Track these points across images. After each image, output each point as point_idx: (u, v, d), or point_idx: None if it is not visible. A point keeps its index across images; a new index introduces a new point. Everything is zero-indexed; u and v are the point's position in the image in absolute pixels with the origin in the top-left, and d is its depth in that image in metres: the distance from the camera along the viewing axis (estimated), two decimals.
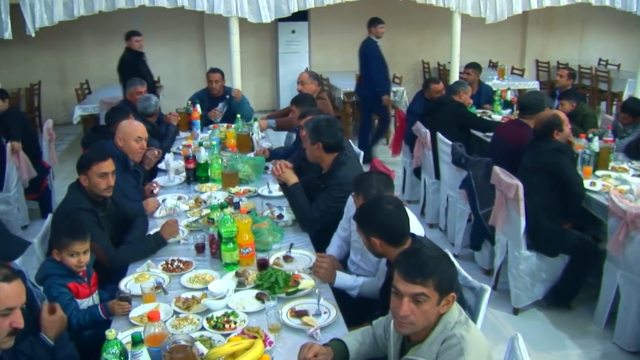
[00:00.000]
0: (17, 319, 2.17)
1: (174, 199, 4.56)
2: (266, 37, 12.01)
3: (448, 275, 2.22)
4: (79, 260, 3.11)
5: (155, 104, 6.03)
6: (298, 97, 5.55)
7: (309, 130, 4.03)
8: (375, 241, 2.81)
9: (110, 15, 8.82)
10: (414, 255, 2.24)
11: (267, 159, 5.38)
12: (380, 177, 3.33)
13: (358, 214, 2.95)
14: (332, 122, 4.10)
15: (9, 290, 2.15)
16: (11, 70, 10.81)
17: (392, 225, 2.78)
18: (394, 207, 2.82)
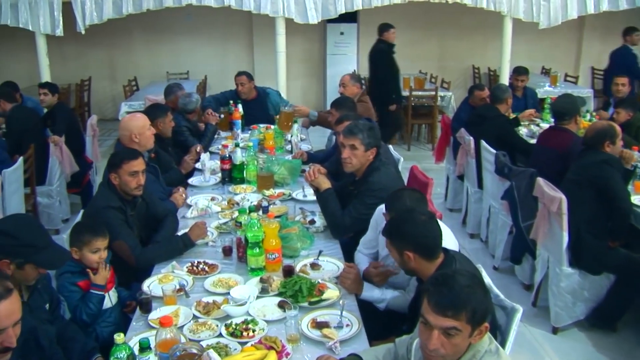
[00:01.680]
0: (8, 339, 2.05)
1: (207, 200, 4.51)
2: (314, 38, 11.95)
3: (482, 306, 2.05)
4: (99, 257, 3.13)
5: (195, 102, 6.02)
6: (338, 100, 5.44)
7: (366, 137, 3.84)
8: (409, 255, 2.67)
9: (160, 13, 8.92)
10: (446, 284, 2.06)
11: (305, 162, 5.29)
12: (414, 195, 3.17)
13: (389, 228, 2.81)
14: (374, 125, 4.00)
15: None
16: (64, 65, 11.01)
17: (427, 236, 2.65)
18: (427, 218, 2.69)
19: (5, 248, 2.55)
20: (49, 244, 2.72)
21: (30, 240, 2.60)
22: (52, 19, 7.83)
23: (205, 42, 11.90)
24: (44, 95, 6.67)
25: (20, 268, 2.57)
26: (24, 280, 2.65)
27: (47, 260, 2.66)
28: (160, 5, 7.94)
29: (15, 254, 2.55)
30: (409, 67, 11.26)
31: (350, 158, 3.84)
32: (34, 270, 2.62)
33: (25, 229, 2.65)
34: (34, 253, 2.59)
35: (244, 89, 6.85)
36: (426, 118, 9.53)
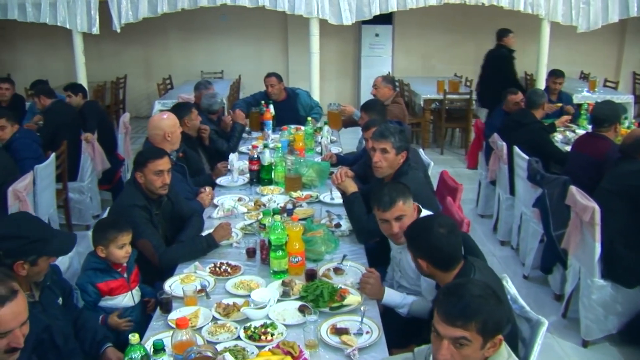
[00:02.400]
0: (15, 339, 2.05)
1: (233, 200, 4.50)
2: (349, 39, 11.92)
3: (494, 317, 2.00)
4: (126, 251, 3.18)
5: (220, 102, 6.02)
6: (367, 103, 5.39)
7: (397, 140, 3.77)
8: (422, 263, 2.63)
9: (196, 12, 8.98)
10: (455, 294, 2.02)
11: (334, 164, 5.26)
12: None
13: (408, 231, 2.78)
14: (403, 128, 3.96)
15: (1, 315, 2.00)
16: (100, 63, 11.17)
17: (442, 249, 2.59)
18: (446, 231, 2.61)
19: (17, 250, 2.55)
20: (54, 233, 2.76)
21: (38, 235, 2.61)
22: (89, 17, 7.93)
23: (240, 42, 11.96)
24: (68, 97, 6.76)
25: (34, 264, 2.59)
26: (38, 276, 2.66)
27: (57, 248, 2.70)
28: (194, 4, 7.98)
29: (27, 253, 2.56)
30: (444, 70, 11.20)
31: (381, 162, 3.79)
32: (46, 262, 2.65)
33: (27, 226, 2.66)
34: (44, 245, 2.61)
35: (274, 90, 6.84)
36: (460, 122, 9.40)
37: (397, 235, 3.14)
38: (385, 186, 3.24)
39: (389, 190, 3.13)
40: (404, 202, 3.10)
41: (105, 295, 3.18)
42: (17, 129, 5.36)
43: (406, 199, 3.12)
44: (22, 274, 2.55)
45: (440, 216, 2.84)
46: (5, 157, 4.91)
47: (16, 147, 5.22)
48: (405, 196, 3.12)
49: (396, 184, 3.29)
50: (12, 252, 2.54)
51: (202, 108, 5.85)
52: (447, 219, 2.76)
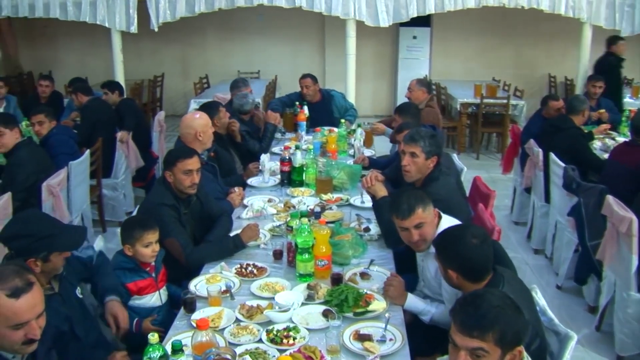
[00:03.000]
0: (32, 331, 2.06)
1: (263, 201, 4.49)
2: (387, 41, 11.84)
3: (513, 328, 1.94)
4: (152, 250, 3.19)
5: (251, 103, 6.01)
6: (401, 106, 5.33)
7: (427, 144, 3.71)
8: (451, 274, 2.57)
9: (233, 12, 9.04)
10: (473, 303, 1.98)
11: (366, 167, 5.21)
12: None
13: (438, 240, 2.72)
14: (435, 132, 3.89)
15: (16, 307, 2.02)
16: (139, 61, 11.30)
17: (473, 261, 2.53)
18: (478, 242, 2.55)
19: (26, 248, 2.59)
20: (62, 228, 2.79)
21: (45, 232, 2.65)
22: (128, 16, 8.02)
23: (277, 42, 11.98)
24: (105, 95, 6.86)
25: (46, 261, 2.62)
26: (54, 271, 2.70)
27: (67, 242, 2.72)
28: (232, 4, 8.03)
29: (36, 250, 2.59)
30: (482, 74, 11.05)
31: (410, 166, 3.73)
32: (59, 257, 2.67)
33: (34, 224, 2.70)
34: (53, 241, 2.64)
35: (309, 91, 6.81)
36: (497, 127, 9.26)
37: (417, 243, 3.09)
38: (403, 193, 3.17)
39: (407, 198, 3.07)
40: (423, 209, 3.04)
41: (133, 295, 3.20)
42: (55, 125, 5.44)
43: (425, 206, 3.05)
44: (36, 270, 2.57)
45: (472, 226, 2.77)
46: (41, 153, 4.99)
47: (52, 143, 5.30)
48: (424, 203, 3.06)
49: (414, 190, 3.24)
50: (22, 250, 2.59)
51: (234, 108, 5.85)
52: (479, 229, 2.70)
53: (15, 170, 4.64)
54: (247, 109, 5.94)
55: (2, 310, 2.00)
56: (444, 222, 3.15)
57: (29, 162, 4.70)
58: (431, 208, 3.09)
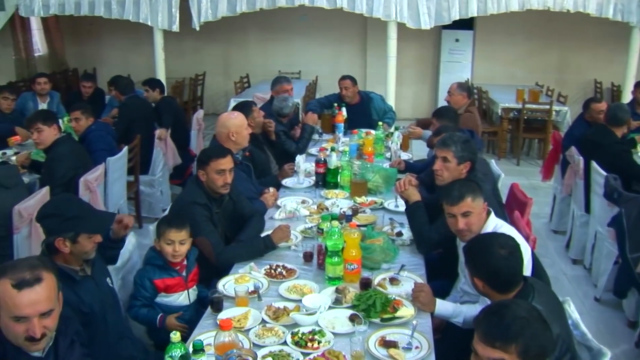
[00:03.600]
0: (32, 328, 2.04)
1: (296, 203, 4.47)
2: (429, 44, 11.73)
3: (538, 341, 1.88)
4: (174, 249, 3.20)
5: (291, 106, 6.00)
6: (440, 110, 5.26)
7: (460, 149, 3.65)
8: (477, 282, 2.52)
9: (275, 12, 9.05)
10: (497, 313, 1.93)
11: (402, 171, 5.15)
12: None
13: (467, 247, 2.67)
14: (470, 137, 3.83)
15: (17, 299, 2.01)
16: (181, 60, 11.44)
17: (500, 272, 2.48)
18: (506, 253, 2.50)
19: (54, 227, 2.70)
20: (93, 212, 2.89)
21: (73, 213, 2.74)
22: (170, 15, 8.11)
23: (318, 43, 11.98)
24: (146, 92, 6.95)
25: (75, 242, 2.69)
26: (84, 253, 2.76)
27: (94, 225, 2.78)
28: (273, 4, 8.05)
29: (64, 230, 2.68)
30: (525, 78, 10.87)
31: (441, 170, 3.68)
32: (88, 240, 2.73)
33: (64, 204, 2.83)
34: (80, 223, 2.71)
35: (348, 92, 6.78)
36: (539, 133, 9.08)
37: (462, 232, 3.10)
38: (456, 182, 3.24)
39: (460, 186, 3.14)
40: (473, 199, 3.06)
41: (161, 292, 3.22)
42: (93, 122, 5.51)
43: (475, 197, 3.08)
44: (64, 250, 2.68)
45: (502, 235, 2.70)
46: (79, 149, 5.07)
47: (91, 139, 5.38)
48: (474, 194, 3.08)
49: (467, 181, 3.25)
50: (52, 229, 2.72)
51: (273, 110, 5.85)
52: (509, 239, 2.63)
53: (54, 166, 4.72)
54: (287, 112, 5.94)
55: (5, 299, 2.02)
56: (491, 220, 3.14)
57: (66, 157, 4.78)
58: (481, 200, 3.11)
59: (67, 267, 2.73)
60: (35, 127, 4.77)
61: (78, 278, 2.75)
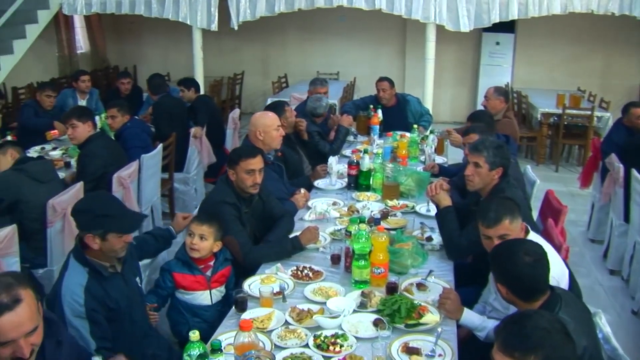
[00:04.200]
0: (19, 349, 1.96)
1: (327, 204, 4.44)
2: (469, 46, 11.58)
3: (559, 354, 1.83)
4: (191, 241, 3.23)
5: (325, 106, 5.98)
6: (475, 114, 5.18)
7: (492, 155, 3.57)
8: (501, 288, 2.46)
9: (315, 13, 9.06)
10: (518, 323, 1.88)
11: (436, 174, 5.08)
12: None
13: (492, 253, 2.62)
14: (504, 143, 3.75)
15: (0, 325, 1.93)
16: (220, 59, 11.55)
17: (523, 280, 2.42)
18: (531, 260, 2.43)
19: (85, 223, 2.75)
20: (124, 212, 2.90)
21: (104, 211, 2.77)
22: (209, 14, 8.19)
23: (357, 45, 11.93)
24: (181, 92, 7.00)
25: (104, 239, 2.72)
26: (113, 252, 2.79)
27: (123, 225, 2.80)
28: (311, 5, 8.05)
29: (94, 226, 2.71)
30: (567, 83, 10.64)
31: (473, 176, 3.62)
32: (117, 239, 2.76)
33: (97, 202, 2.87)
34: (111, 221, 2.73)
35: (385, 94, 6.72)
36: (579, 139, 8.87)
37: None
38: (493, 201, 3.10)
39: (497, 206, 2.99)
40: (511, 221, 2.94)
41: (179, 288, 3.24)
42: (128, 119, 5.58)
43: (514, 218, 2.96)
44: (94, 247, 2.72)
45: (528, 242, 2.63)
46: (113, 145, 5.14)
47: (126, 137, 5.45)
48: (512, 215, 2.96)
49: (506, 200, 3.11)
50: (83, 224, 2.77)
51: (307, 110, 5.84)
52: (535, 246, 2.56)
53: (85, 162, 4.79)
54: (320, 112, 5.92)
55: None
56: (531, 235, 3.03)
57: (98, 154, 4.84)
58: (519, 221, 2.99)
59: (97, 263, 2.77)
60: (70, 122, 4.86)
61: (106, 274, 2.78)
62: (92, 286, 2.71)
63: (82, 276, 2.71)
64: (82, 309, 2.65)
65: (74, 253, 2.80)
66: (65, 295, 2.66)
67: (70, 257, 2.80)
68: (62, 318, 2.63)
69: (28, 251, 4.21)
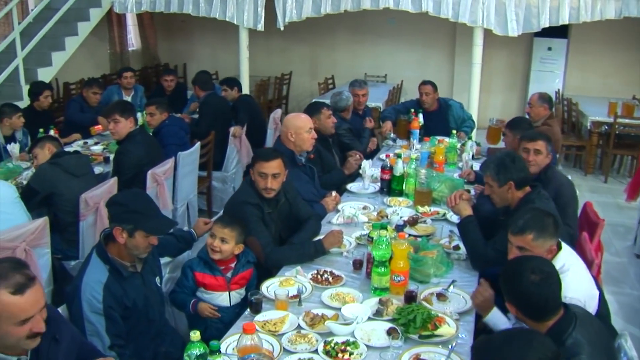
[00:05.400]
0: (37, 324, 2.06)
1: (354, 208, 4.39)
2: (519, 51, 11.33)
3: None
4: (212, 243, 3.23)
5: (345, 99, 5.94)
6: (514, 120, 5.08)
7: (495, 172, 3.56)
8: (510, 307, 2.39)
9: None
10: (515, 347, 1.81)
11: (471, 182, 4.99)
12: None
13: (502, 270, 2.55)
14: (515, 156, 3.67)
15: (22, 303, 2.02)
16: (268, 59, 11.62)
17: (530, 299, 2.34)
18: (538, 279, 2.34)
19: (117, 215, 2.82)
20: (156, 214, 2.94)
21: (138, 208, 2.84)
22: (255, 14, 8.24)
23: (406, 47, 11.81)
24: (224, 91, 7.07)
25: (131, 236, 2.78)
26: (135, 250, 2.83)
27: (153, 226, 2.84)
28: (358, 6, 7.99)
29: (125, 220, 2.77)
30: (622, 91, 10.29)
31: (491, 195, 3.67)
32: (144, 238, 2.80)
33: (134, 198, 2.93)
34: (141, 219, 2.79)
35: (428, 99, 6.63)
36: (631, 149, 8.54)
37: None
38: (531, 210, 3.00)
39: (530, 217, 2.90)
40: (535, 238, 2.83)
41: (200, 286, 3.25)
42: (167, 117, 5.65)
43: (541, 236, 2.83)
44: (120, 240, 2.78)
45: (537, 260, 2.52)
46: (151, 142, 5.20)
47: (163, 134, 5.53)
48: (542, 233, 2.84)
49: (544, 215, 2.94)
50: (115, 216, 2.85)
51: (331, 106, 5.80)
52: (544, 264, 2.46)
53: (121, 158, 4.88)
54: (342, 106, 5.92)
55: (8, 309, 2.00)
56: (558, 259, 2.90)
57: (135, 151, 4.91)
58: (548, 242, 2.86)
59: (118, 262, 2.82)
60: (112, 117, 4.94)
61: (125, 274, 2.82)
62: (111, 284, 2.75)
63: (103, 274, 2.76)
64: (100, 306, 2.70)
65: (96, 249, 2.85)
66: (84, 291, 2.71)
67: (92, 253, 2.85)
68: (79, 312, 2.69)
69: (62, 243, 4.33)
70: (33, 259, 3.71)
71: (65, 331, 2.31)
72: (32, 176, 4.41)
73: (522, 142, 4.34)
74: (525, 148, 4.26)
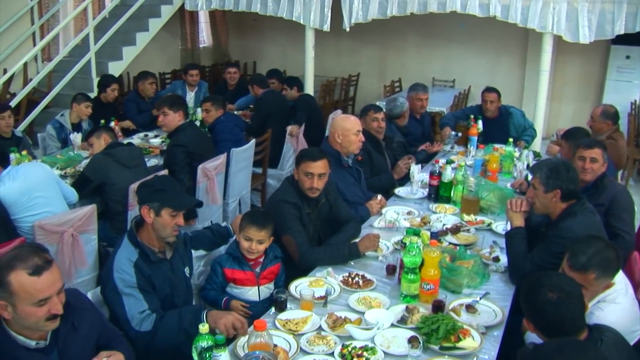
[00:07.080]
0: (54, 306, 2.15)
1: (399, 213, 4.35)
2: (594, 59, 10.89)
3: None
4: (250, 246, 3.26)
5: (400, 105, 5.89)
6: (571, 131, 4.90)
7: (545, 176, 3.43)
8: (526, 323, 2.32)
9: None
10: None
11: (522, 192, 4.85)
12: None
13: (522, 284, 2.47)
14: (572, 166, 3.53)
15: (39, 284, 2.11)
16: (337, 59, 11.65)
17: (544, 316, 2.27)
18: (555, 297, 2.26)
19: (144, 195, 2.98)
20: (178, 192, 3.09)
21: (162, 186, 2.99)
22: (322, 14, 8.28)
23: (476, 53, 11.57)
24: (284, 90, 7.13)
25: (158, 214, 2.90)
26: (163, 230, 2.94)
27: (177, 202, 2.97)
28: (424, 9, 7.91)
29: (151, 199, 2.92)
30: None
31: (533, 198, 3.53)
32: (170, 217, 2.92)
33: (157, 179, 3.14)
34: (166, 197, 2.94)
35: (492, 106, 6.50)
36: None
37: None
38: (593, 242, 2.79)
39: (595, 253, 2.70)
40: (597, 277, 2.68)
41: (229, 282, 3.30)
42: (222, 113, 5.75)
43: (602, 276, 2.68)
44: (148, 220, 2.91)
45: (558, 277, 2.43)
46: (199, 137, 5.29)
47: (218, 130, 5.64)
48: (604, 272, 2.69)
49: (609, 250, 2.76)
50: (142, 196, 3.00)
51: (385, 112, 5.76)
52: (565, 283, 2.37)
53: (172, 151, 4.99)
54: (397, 112, 5.88)
55: (26, 288, 2.10)
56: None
57: (184, 143, 5.00)
58: (606, 281, 2.73)
59: (147, 246, 2.94)
60: (162, 110, 5.06)
61: (154, 259, 2.93)
62: (140, 264, 2.88)
63: (133, 254, 2.89)
64: (133, 279, 2.83)
65: (128, 234, 2.98)
66: (116, 269, 2.84)
67: (124, 238, 2.98)
68: (115, 289, 2.82)
69: (110, 230, 4.49)
70: (79, 244, 3.87)
71: (85, 318, 2.40)
72: (86, 165, 4.60)
73: (579, 149, 4.22)
74: (582, 156, 4.17)
